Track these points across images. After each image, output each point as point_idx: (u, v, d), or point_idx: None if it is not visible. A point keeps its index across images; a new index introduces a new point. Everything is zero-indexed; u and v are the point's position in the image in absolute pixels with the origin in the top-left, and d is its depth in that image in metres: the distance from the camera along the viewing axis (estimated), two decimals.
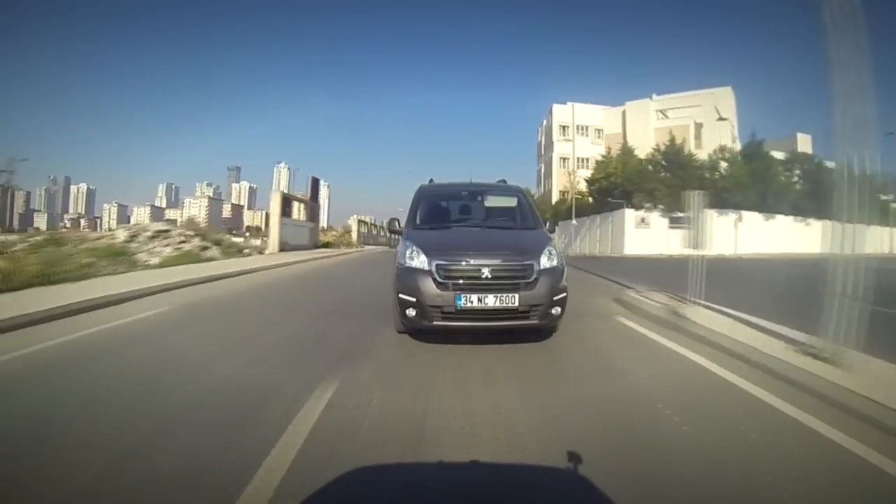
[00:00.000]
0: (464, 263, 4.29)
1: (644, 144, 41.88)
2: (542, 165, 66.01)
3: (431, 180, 6.74)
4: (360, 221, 44.33)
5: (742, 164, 35.86)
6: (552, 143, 61.57)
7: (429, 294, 4.18)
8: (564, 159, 59.56)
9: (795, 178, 37.54)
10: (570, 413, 3.08)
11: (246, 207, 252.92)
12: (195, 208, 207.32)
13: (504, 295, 4.13)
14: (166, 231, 15.22)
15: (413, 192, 6.14)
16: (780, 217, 35.30)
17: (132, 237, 14.20)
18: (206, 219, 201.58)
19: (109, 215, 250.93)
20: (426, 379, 3.69)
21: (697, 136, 45.10)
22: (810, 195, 32.62)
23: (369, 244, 38.28)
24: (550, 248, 4.64)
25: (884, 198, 28.17)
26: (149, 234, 14.56)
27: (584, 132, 60.01)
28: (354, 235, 37.70)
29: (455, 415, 2.94)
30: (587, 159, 54.20)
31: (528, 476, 2.36)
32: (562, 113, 62.52)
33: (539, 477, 2.38)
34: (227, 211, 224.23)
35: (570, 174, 53.67)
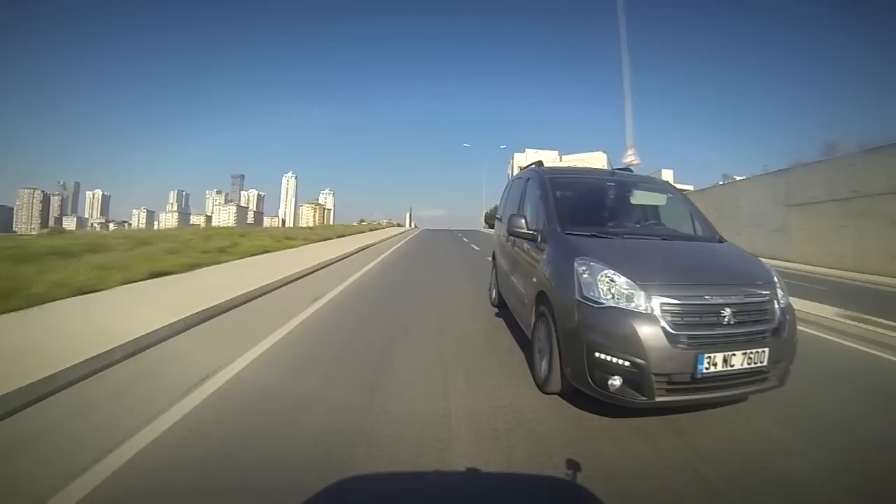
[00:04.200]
0: (700, 302, 2.88)
1: None
2: None
3: (540, 163, 5.36)
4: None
5: None
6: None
7: (657, 354, 2.69)
8: None
9: None
10: None
11: (261, 213, 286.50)
12: (224, 214, 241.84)
13: (753, 350, 2.82)
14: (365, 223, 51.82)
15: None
16: None
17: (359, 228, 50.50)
18: (235, 223, 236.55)
19: (138, 220, 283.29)
20: None
21: None
22: None
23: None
24: (776, 274, 3.37)
25: None
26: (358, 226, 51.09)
27: None
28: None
29: None
30: None
31: (527, 485, 2.29)
32: (519, 158, 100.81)
33: (538, 486, 2.29)
34: (250, 217, 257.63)
35: None
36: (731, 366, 2.80)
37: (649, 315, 2.82)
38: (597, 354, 2.85)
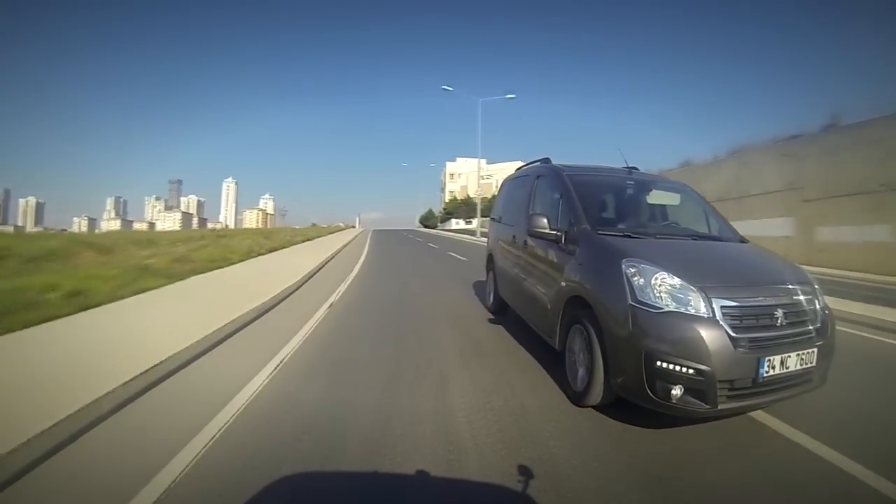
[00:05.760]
0: (756, 303, 2.93)
1: (472, 191, 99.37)
2: (442, 194, 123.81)
3: (548, 160, 5.35)
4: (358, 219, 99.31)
5: (464, 201, 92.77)
6: (445, 183, 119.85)
7: (722, 360, 2.69)
8: (451, 191, 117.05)
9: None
10: None
11: (204, 219, 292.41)
12: (169, 220, 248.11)
13: (805, 351, 2.91)
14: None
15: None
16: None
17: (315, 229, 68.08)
18: (180, 229, 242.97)
19: (79, 227, 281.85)
20: None
21: (496, 187, 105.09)
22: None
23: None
24: (808, 273, 3.43)
25: None
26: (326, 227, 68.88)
27: (460, 178, 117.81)
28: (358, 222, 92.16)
29: None
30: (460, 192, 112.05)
31: (474, 492, 2.26)
32: (451, 167, 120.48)
33: (484, 493, 2.25)
34: (194, 223, 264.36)
35: (452, 200, 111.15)
36: (787, 368, 2.80)
37: (711, 319, 2.75)
38: (658, 363, 2.73)
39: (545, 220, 4.09)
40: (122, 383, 3.33)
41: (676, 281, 2.91)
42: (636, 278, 3.01)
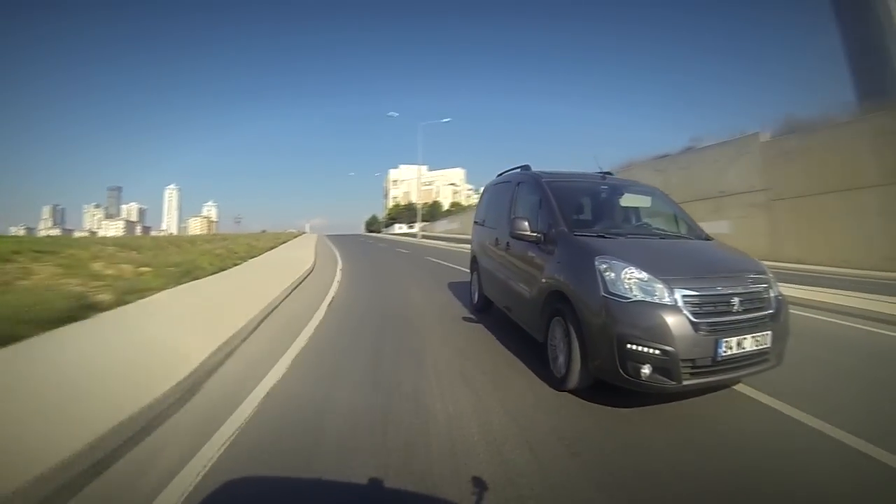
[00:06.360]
0: (714, 293, 3.25)
1: (414, 197, 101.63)
2: (385, 200, 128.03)
3: (528, 167, 5.72)
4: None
5: (407, 206, 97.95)
6: (389, 189, 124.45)
7: (684, 342, 3.04)
8: (395, 197, 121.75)
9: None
10: None
11: (148, 227, 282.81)
12: (112, 229, 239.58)
13: (760, 334, 3.27)
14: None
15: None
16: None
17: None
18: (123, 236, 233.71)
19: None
20: None
21: (437, 194, 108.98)
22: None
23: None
24: (764, 265, 3.79)
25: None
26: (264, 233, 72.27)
27: (403, 184, 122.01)
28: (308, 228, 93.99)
29: None
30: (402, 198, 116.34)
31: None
32: (394, 174, 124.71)
33: None
34: (138, 230, 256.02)
35: (395, 206, 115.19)
36: (744, 348, 3.14)
37: (674, 306, 3.08)
38: (629, 346, 3.04)
39: (526, 223, 4.38)
40: (278, 294, 7.37)
41: (644, 275, 3.22)
42: (608, 273, 3.30)
